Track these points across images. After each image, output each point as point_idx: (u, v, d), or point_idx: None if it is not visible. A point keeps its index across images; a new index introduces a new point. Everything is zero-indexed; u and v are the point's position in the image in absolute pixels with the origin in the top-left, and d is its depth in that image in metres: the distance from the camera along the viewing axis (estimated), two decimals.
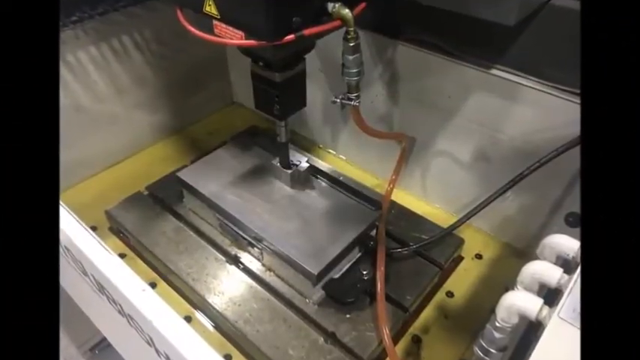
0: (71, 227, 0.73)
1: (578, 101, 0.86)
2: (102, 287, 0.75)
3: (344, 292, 0.95)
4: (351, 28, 0.78)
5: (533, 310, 0.57)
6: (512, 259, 1.12)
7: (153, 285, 1.06)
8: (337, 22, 0.76)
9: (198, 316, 1.01)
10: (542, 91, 0.91)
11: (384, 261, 0.98)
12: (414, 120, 1.17)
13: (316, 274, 0.90)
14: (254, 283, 1.01)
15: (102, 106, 1.28)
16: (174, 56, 1.40)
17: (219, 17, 0.74)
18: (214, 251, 1.07)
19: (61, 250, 0.81)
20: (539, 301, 0.58)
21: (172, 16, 0.83)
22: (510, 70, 0.95)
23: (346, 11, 0.75)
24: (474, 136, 1.07)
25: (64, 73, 1.17)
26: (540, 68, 0.91)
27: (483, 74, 0.98)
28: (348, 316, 0.94)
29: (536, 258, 0.66)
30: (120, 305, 0.72)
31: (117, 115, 1.33)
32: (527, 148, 0.99)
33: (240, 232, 1.04)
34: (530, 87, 0.93)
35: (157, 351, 0.68)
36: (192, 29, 0.79)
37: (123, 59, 1.28)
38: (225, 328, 0.97)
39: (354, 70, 0.85)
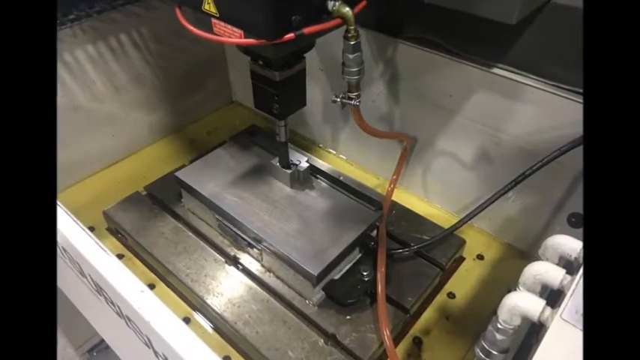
0: (69, 228, 0.73)
1: (581, 100, 0.86)
2: (100, 288, 0.75)
3: (344, 294, 0.95)
4: (352, 27, 0.78)
5: (535, 312, 0.56)
6: (515, 259, 1.12)
7: (151, 286, 1.06)
8: (337, 21, 0.76)
9: (197, 317, 1.00)
10: (545, 90, 0.91)
11: (385, 262, 0.98)
12: (416, 119, 1.17)
13: (316, 275, 0.90)
14: (253, 284, 1.00)
15: (100, 106, 1.28)
16: (173, 55, 1.39)
17: (218, 15, 0.74)
18: (213, 252, 1.07)
19: (58, 250, 0.80)
20: (542, 302, 0.57)
21: (171, 15, 0.82)
22: (512, 69, 0.95)
23: (347, 9, 0.74)
24: (476, 135, 1.06)
25: (62, 72, 1.16)
26: (543, 67, 0.91)
27: (485, 73, 0.97)
28: (348, 317, 0.93)
29: (538, 259, 0.65)
30: (118, 306, 0.72)
31: (115, 114, 1.33)
32: (529, 148, 0.98)
33: (240, 233, 1.03)
34: (532, 86, 0.92)
35: (155, 353, 0.68)
36: (191, 28, 0.79)
37: (121, 58, 1.27)
38: (224, 330, 0.97)
39: (355, 69, 0.85)
